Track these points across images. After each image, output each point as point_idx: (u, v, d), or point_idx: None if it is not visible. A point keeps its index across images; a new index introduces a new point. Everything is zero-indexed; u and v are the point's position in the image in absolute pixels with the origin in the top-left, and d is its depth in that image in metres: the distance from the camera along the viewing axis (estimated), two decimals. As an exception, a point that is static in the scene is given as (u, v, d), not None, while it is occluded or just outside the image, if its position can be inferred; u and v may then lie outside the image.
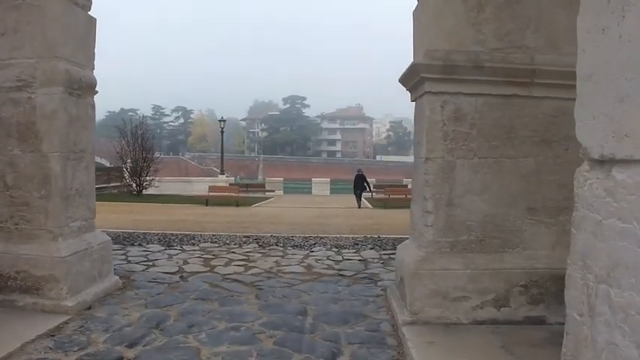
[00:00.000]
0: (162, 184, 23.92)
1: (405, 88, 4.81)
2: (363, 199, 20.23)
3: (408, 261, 4.22)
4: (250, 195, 23.07)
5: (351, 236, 8.93)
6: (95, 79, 4.85)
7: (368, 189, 20.15)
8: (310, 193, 29.40)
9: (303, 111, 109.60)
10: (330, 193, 29.40)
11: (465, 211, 4.15)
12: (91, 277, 4.70)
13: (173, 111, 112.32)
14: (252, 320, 4.15)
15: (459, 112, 4.13)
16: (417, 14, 4.50)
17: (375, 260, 6.72)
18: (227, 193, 20.47)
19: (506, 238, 4.19)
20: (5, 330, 3.75)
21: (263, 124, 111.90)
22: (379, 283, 5.44)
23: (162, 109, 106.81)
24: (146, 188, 22.55)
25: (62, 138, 4.39)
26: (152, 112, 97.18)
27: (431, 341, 3.66)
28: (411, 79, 4.39)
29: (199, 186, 26.36)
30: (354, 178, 20.39)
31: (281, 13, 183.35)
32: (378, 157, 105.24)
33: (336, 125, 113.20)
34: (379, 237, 8.79)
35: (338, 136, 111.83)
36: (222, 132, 30.83)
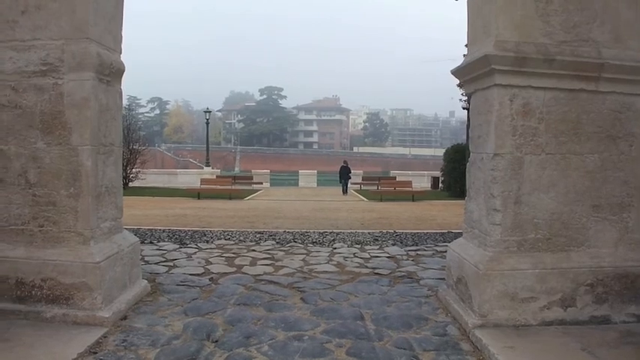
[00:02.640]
0: (146, 177, 23.20)
1: (458, 80, 4.59)
2: (350, 190, 23.31)
3: (474, 261, 3.99)
4: (239, 187, 22.67)
5: (367, 231, 8.69)
6: (124, 64, 4.36)
7: (350, 178, 23.84)
8: (297, 185, 29.14)
9: (280, 102, 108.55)
10: (316, 184, 29.16)
11: (533, 209, 3.95)
12: (122, 284, 4.25)
13: (149, 102, 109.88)
14: (311, 328, 3.81)
15: (527, 107, 3.91)
16: (476, 3, 4.21)
17: (404, 257, 6.46)
18: (219, 186, 20.00)
19: (572, 236, 4.02)
20: (39, 348, 3.28)
21: (239, 116, 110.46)
22: (421, 282, 5.19)
23: (138, 99, 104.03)
24: (132, 181, 21.77)
25: (93, 130, 3.89)
26: (127, 103, 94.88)
27: (511, 346, 3.42)
28: (475, 71, 4.11)
29: (184, 178, 25.71)
30: (339, 168, 23.81)
31: (258, 7, 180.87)
32: (354, 149, 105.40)
33: (313, 116, 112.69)
34: (396, 232, 8.58)
35: (314, 127, 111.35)
36: (207, 123, 30.01)
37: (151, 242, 7.23)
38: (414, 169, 51.26)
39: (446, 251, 4.79)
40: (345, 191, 22.83)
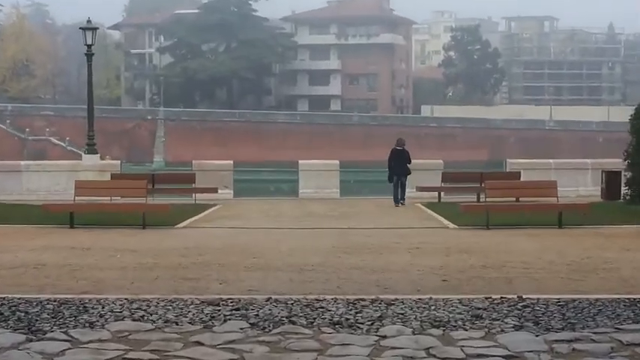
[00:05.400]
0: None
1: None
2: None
3: None
4: (163, 200, 23.19)
5: (456, 297, 8.80)
6: None
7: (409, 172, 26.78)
8: (295, 192, 29.90)
9: (254, 7, 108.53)
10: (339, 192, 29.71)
11: None
12: None
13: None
14: None
15: None
16: None
17: (544, 358, 6.41)
18: (119, 199, 20.23)
19: None
20: None
21: (163, 38, 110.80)
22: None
23: None
24: None
25: None
26: None
27: None
28: None
29: (39, 181, 25.98)
30: (389, 155, 26.93)
31: None
32: (423, 110, 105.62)
33: (330, 38, 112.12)
34: (522, 299, 8.63)
35: (333, 63, 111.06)
36: (89, 55, 30.27)
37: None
38: (562, 154, 51.24)
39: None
40: (399, 200, 25.36)
